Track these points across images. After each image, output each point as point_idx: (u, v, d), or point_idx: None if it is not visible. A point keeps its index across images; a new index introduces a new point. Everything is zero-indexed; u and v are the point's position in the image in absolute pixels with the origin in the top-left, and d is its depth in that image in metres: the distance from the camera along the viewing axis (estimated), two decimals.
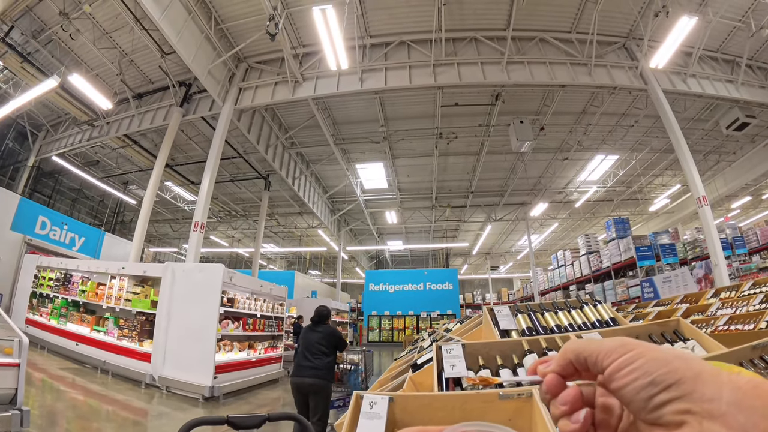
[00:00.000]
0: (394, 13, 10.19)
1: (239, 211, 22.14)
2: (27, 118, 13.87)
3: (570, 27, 10.68)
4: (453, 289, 24.15)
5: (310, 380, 4.41)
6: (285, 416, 1.44)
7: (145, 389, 7.02)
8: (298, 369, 4.53)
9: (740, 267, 10.90)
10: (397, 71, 10.77)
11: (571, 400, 0.39)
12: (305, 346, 4.65)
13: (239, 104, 11.15)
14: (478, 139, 14.62)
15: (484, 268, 33.20)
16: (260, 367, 8.84)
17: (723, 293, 5.42)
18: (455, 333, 3.66)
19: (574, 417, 0.39)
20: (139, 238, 10.44)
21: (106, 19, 9.94)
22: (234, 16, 10.00)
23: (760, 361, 1.54)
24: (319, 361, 4.52)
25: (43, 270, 10.04)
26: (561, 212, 21.99)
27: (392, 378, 3.02)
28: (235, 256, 30.87)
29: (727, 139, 14.93)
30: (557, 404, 0.40)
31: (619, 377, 0.36)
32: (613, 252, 13.79)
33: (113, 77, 11.71)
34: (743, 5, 9.83)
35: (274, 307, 9.95)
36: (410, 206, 21.38)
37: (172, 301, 7.58)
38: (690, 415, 0.32)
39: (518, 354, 1.96)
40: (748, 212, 21.80)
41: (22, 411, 3.49)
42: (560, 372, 0.41)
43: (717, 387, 0.32)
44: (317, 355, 4.55)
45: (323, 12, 8.03)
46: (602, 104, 12.57)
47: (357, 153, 15.67)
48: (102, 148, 15.18)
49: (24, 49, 10.34)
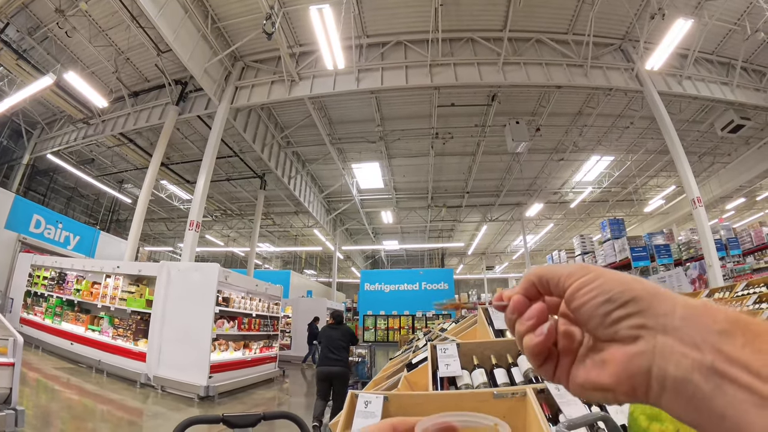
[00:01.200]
0: (391, 13, 10.19)
1: (235, 211, 22.07)
2: (22, 115, 13.77)
3: (566, 28, 10.72)
4: (448, 289, 24.16)
5: (336, 369, 5.64)
6: (280, 415, 1.44)
7: (140, 389, 7.00)
8: (324, 360, 5.72)
9: (734, 268, 10.96)
10: (394, 71, 10.77)
11: (536, 314, 0.40)
12: (328, 342, 5.81)
13: (235, 103, 11.12)
14: (474, 140, 14.65)
15: (479, 268, 33.25)
16: (255, 366, 8.83)
17: (717, 294, 5.45)
18: (450, 332, 3.67)
19: (538, 330, 0.40)
20: (134, 237, 10.39)
21: (103, 17, 9.88)
22: (231, 14, 9.97)
23: None
24: (341, 354, 5.74)
25: (38, 269, 9.98)
26: (556, 213, 22.06)
27: (387, 377, 3.03)
28: (231, 255, 30.77)
29: (721, 141, 15.03)
30: (523, 321, 0.41)
31: (579, 296, 0.37)
32: (608, 252, 13.83)
33: (109, 75, 11.65)
34: (739, 8, 9.89)
35: (270, 307, 9.94)
36: (406, 206, 21.39)
37: (168, 300, 7.56)
38: (645, 330, 0.34)
39: (513, 353, 1.97)
40: (742, 214, 21.95)
41: (17, 411, 3.47)
42: (524, 294, 0.42)
43: (671, 304, 0.33)
44: (339, 349, 5.76)
45: (320, 11, 8.03)
46: (598, 105, 12.62)
47: (353, 153, 15.66)
48: (97, 147, 15.09)
49: (19, 46, 10.27)
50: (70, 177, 16.93)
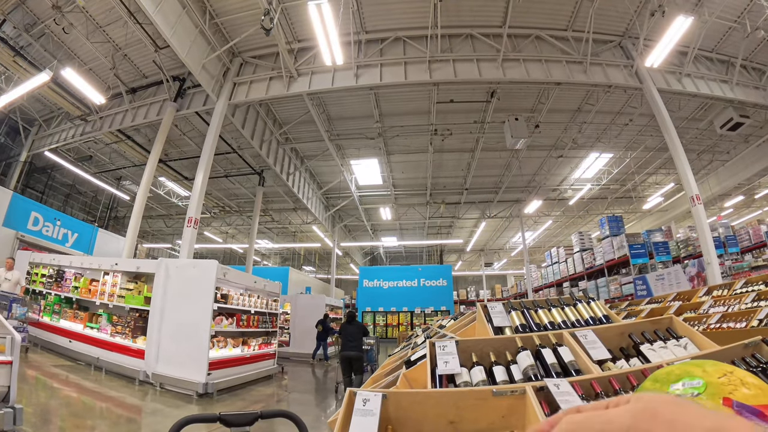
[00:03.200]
0: (389, 8, 10.15)
1: (233, 207, 22.05)
2: (19, 112, 13.72)
3: (566, 25, 10.69)
4: (447, 285, 24.24)
5: (353, 353, 7.87)
6: (278, 414, 1.43)
7: (138, 386, 6.99)
8: (345, 347, 7.98)
9: (732, 265, 10.98)
10: (393, 67, 10.74)
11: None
12: (346, 334, 8.09)
13: (233, 99, 11.08)
14: (473, 136, 14.63)
15: (478, 264, 33.28)
16: (254, 363, 8.82)
17: (715, 291, 5.47)
18: (449, 329, 3.67)
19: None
20: (132, 233, 10.37)
21: (100, 13, 9.83)
22: (229, 10, 9.92)
23: (753, 360, 1.55)
24: (357, 343, 7.97)
25: (36, 266, 9.95)
26: (555, 209, 22.09)
27: (386, 374, 3.02)
28: (229, 252, 30.77)
29: (720, 139, 15.04)
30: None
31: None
32: (606, 249, 13.86)
33: (106, 72, 11.60)
34: (739, 6, 9.87)
35: (268, 303, 9.92)
36: (405, 202, 21.38)
37: (166, 297, 7.53)
38: None
39: (512, 351, 1.96)
40: (740, 211, 22.00)
41: (15, 409, 3.45)
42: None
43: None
44: (355, 339, 7.99)
45: (318, 7, 7.99)
46: (597, 102, 12.61)
47: (352, 149, 15.64)
48: (95, 144, 15.05)
49: (16, 42, 10.22)
50: (68, 174, 16.87)
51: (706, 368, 0.76)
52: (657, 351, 1.86)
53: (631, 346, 2.00)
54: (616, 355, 1.95)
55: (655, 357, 1.83)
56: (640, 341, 1.97)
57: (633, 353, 1.94)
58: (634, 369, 1.67)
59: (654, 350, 1.87)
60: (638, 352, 1.92)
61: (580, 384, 1.54)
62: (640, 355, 1.89)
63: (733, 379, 0.71)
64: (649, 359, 1.83)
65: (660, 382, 0.79)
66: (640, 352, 1.90)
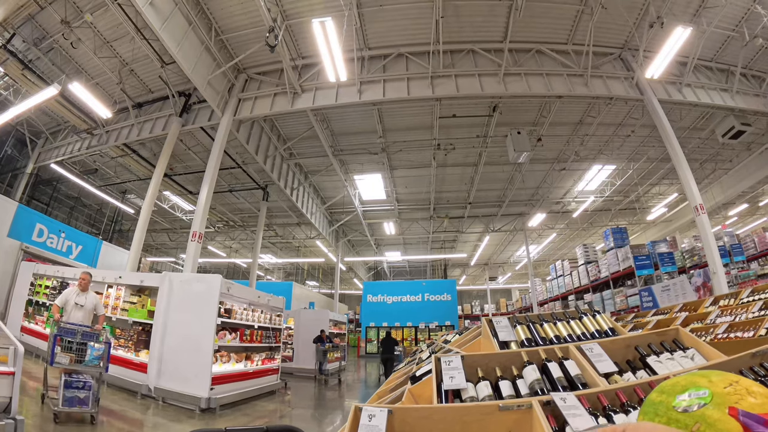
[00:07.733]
0: (392, 25, 10.29)
1: (237, 222, 22.11)
2: (26, 125, 13.91)
3: (566, 39, 10.80)
4: (451, 300, 24.06)
5: (388, 355, 12.83)
6: (283, 429, 1.42)
7: (141, 400, 6.94)
8: (385, 352, 13.02)
9: (738, 274, 10.87)
10: (396, 83, 10.85)
11: None
12: (386, 345, 13.04)
13: (238, 115, 11.20)
14: (475, 150, 14.70)
15: (482, 278, 33.13)
16: (257, 378, 8.75)
17: (722, 301, 5.43)
18: (454, 344, 3.65)
19: None
20: (136, 247, 10.40)
21: (107, 29, 10.02)
22: (234, 27, 10.09)
23: (761, 369, 1.54)
24: (391, 349, 12.93)
25: (40, 278, 9.97)
26: (559, 222, 22.03)
27: (391, 390, 3.00)
28: (233, 266, 30.75)
29: (723, 147, 15.05)
30: None
31: None
32: (611, 261, 13.78)
33: (113, 86, 11.78)
34: (737, 15, 9.97)
35: (272, 318, 9.88)
36: (408, 217, 21.39)
37: (169, 311, 7.52)
38: None
39: (518, 365, 1.95)
40: (745, 219, 21.86)
41: (16, 420, 3.43)
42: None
43: None
44: (390, 347, 12.95)
45: (322, 24, 8.11)
46: (599, 114, 12.67)
47: (355, 164, 15.71)
48: (101, 157, 15.20)
49: (25, 56, 10.40)
50: (73, 187, 17.00)
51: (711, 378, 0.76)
52: (664, 363, 1.85)
53: (638, 358, 1.99)
54: (623, 368, 1.94)
55: (662, 369, 1.81)
56: (647, 353, 1.95)
57: (640, 365, 1.93)
58: (641, 381, 1.66)
59: (661, 362, 1.86)
60: (645, 365, 1.90)
61: (587, 397, 1.53)
62: (646, 368, 1.88)
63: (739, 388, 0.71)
64: (656, 371, 1.81)
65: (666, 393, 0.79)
66: (647, 365, 1.88)
